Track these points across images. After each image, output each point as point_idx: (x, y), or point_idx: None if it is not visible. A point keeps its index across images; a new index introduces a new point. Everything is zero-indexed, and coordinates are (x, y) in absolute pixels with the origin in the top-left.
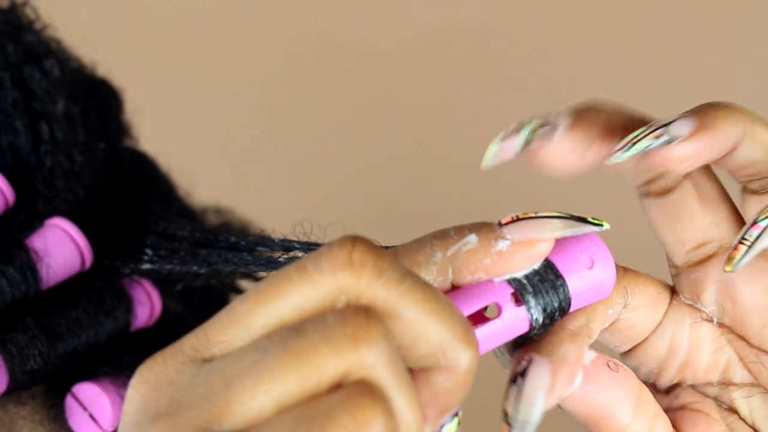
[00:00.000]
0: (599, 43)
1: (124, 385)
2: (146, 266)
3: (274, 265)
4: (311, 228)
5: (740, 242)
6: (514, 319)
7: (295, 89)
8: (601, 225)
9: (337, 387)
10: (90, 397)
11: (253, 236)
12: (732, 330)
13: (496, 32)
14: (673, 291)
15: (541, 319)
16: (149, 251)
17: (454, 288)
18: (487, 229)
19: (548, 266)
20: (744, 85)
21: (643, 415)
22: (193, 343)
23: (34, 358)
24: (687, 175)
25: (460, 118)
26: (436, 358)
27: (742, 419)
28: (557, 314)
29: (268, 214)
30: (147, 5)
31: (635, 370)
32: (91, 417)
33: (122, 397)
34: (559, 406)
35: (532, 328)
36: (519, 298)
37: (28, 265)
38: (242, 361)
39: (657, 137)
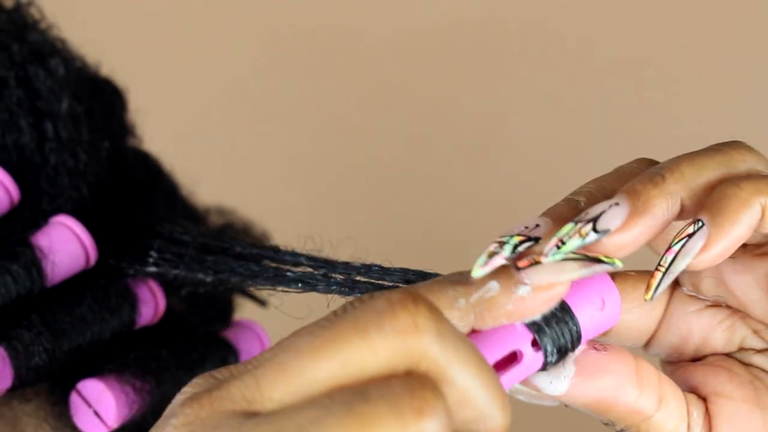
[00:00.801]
0: (599, 43)
1: (129, 382)
2: (151, 269)
3: (282, 279)
4: (321, 243)
5: (656, 269)
6: (532, 362)
7: (297, 88)
8: (614, 263)
9: None
10: (95, 394)
11: (260, 247)
12: (738, 310)
13: (496, 32)
14: (675, 283)
15: (554, 360)
16: (154, 254)
17: (474, 332)
18: (507, 275)
19: (564, 308)
20: (744, 86)
21: (648, 384)
22: (243, 393)
23: (39, 354)
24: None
25: (461, 118)
26: (476, 424)
27: (765, 371)
28: (567, 352)
29: (271, 214)
30: (149, 5)
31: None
32: (96, 414)
33: (126, 394)
34: (566, 405)
35: (543, 366)
36: (537, 342)
37: (33, 263)
38: (301, 417)
39: (585, 235)
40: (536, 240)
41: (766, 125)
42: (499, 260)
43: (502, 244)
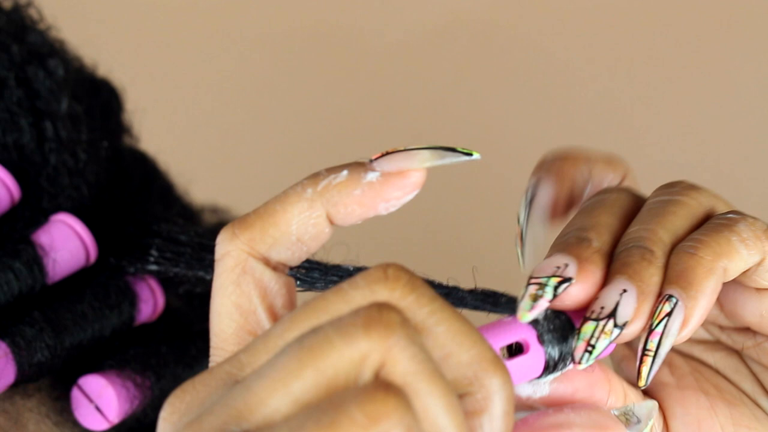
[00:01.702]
0: (600, 43)
1: (130, 377)
2: (152, 267)
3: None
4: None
5: (644, 354)
6: (536, 359)
7: (292, 87)
8: (471, 154)
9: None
10: (96, 390)
11: None
12: None
13: (496, 32)
14: None
15: (553, 363)
16: (154, 252)
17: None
18: (357, 164)
19: (567, 320)
20: (744, 87)
21: (615, 384)
22: (226, 368)
23: (42, 350)
24: None
25: (462, 117)
26: (469, 383)
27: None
28: (566, 363)
29: None
30: (146, 6)
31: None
32: (97, 409)
33: (127, 390)
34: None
35: (545, 370)
36: (540, 340)
37: (35, 260)
38: (262, 367)
39: (610, 334)
40: (569, 280)
41: (763, 125)
42: (544, 303)
43: (541, 285)
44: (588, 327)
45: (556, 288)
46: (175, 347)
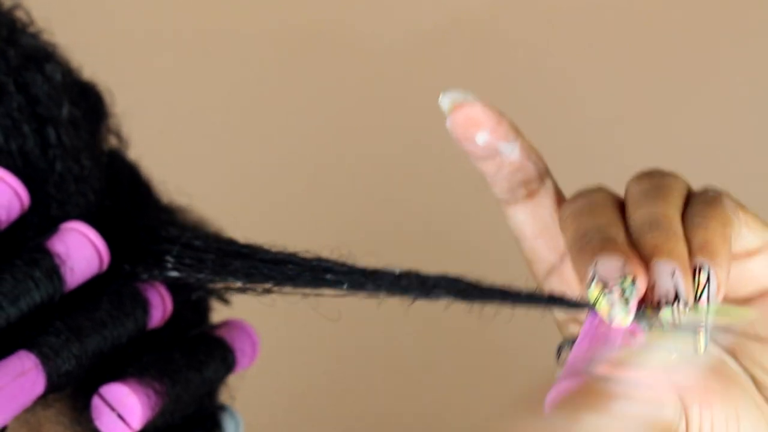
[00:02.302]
0: (599, 43)
1: (150, 384)
2: (172, 273)
3: (320, 282)
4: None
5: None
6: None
7: (292, 87)
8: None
9: None
10: (119, 398)
11: (283, 252)
12: None
13: (496, 32)
14: None
15: None
16: (170, 258)
17: None
18: None
19: None
20: (743, 88)
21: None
22: None
23: (69, 360)
24: None
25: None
26: None
27: None
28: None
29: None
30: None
31: None
32: (120, 417)
33: (149, 397)
34: None
35: None
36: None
37: (53, 269)
38: None
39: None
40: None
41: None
42: (633, 302)
43: (623, 290)
44: (666, 313)
45: (633, 282)
46: (187, 352)
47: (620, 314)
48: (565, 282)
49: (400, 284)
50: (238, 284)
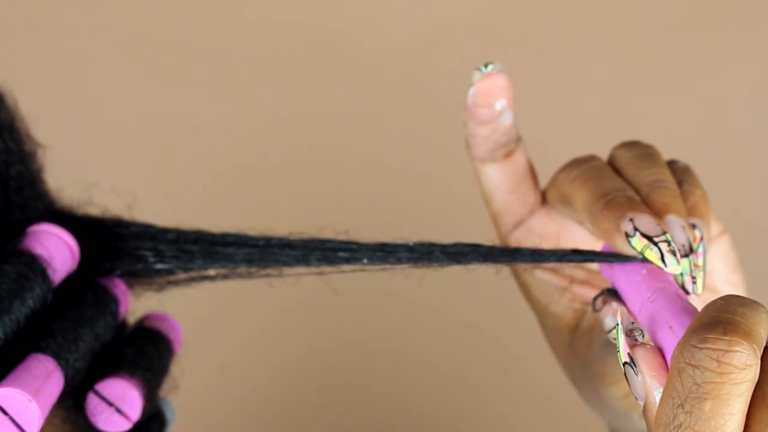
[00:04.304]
0: (600, 43)
1: (141, 376)
2: (160, 266)
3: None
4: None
5: (695, 267)
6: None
7: (292, 87)
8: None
9: None
10: (117, 393)
11: (277, 238)
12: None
13: (495, 32)
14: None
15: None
16: (148, 253)
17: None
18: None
19: None
20: (744, 89)
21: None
22: None
23: (77, 361)
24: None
25: (456, 119)
26: None
27: None
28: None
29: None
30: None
31: None
32: (118, 411)
33: (143, 388)
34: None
35: None
36: None
37: (43, 271)
38: None
39: (702, 265)
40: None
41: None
42: (678, 252)
43: (668, 242)
44: (685, 264)
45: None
46: (156, 345)
47: (674, 263)
48: (532, 232)
49: (428, 253)
50: (236, 270)
